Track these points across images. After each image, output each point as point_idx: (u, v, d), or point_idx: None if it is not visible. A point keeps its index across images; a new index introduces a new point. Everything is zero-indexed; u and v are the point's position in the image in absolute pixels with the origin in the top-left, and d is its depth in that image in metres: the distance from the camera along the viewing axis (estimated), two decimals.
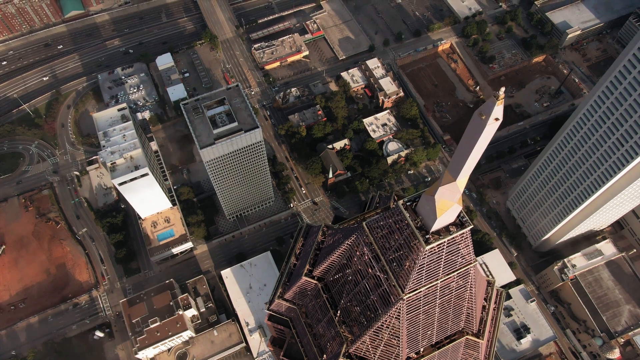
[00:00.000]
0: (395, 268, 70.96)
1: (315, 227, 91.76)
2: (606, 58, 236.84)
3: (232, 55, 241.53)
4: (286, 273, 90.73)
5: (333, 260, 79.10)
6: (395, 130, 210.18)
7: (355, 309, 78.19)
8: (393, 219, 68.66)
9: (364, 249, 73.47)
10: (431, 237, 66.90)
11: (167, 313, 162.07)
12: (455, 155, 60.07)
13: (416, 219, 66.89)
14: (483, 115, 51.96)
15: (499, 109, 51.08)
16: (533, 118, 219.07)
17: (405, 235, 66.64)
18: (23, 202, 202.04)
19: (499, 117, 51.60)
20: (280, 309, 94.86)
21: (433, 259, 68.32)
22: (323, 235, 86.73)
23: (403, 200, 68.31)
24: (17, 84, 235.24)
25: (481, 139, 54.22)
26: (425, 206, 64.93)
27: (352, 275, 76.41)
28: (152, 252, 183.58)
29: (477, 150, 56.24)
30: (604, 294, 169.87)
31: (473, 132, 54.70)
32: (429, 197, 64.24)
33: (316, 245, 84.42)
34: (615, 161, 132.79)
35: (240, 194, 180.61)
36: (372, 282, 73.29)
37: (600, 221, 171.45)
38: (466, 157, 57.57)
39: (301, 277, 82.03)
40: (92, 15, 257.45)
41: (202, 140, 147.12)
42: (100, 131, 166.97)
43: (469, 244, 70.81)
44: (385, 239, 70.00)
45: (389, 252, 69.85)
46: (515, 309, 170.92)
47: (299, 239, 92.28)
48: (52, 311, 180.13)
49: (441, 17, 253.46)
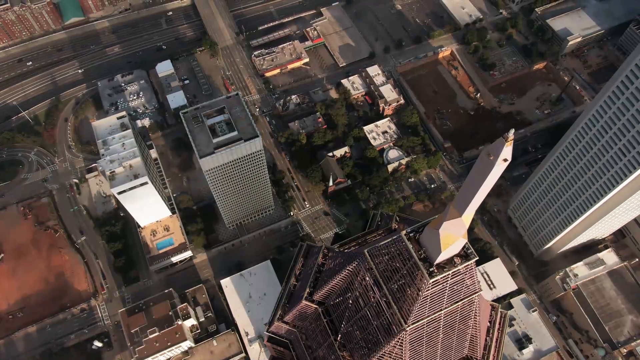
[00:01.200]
0: (398, 297, 69.82)
1: (315, 248, 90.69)
2: (607, 65, 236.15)
3: (232, 62, 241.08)
4: (286, 294, 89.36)
5: (334, 286, 78.06)
6: (396, 137, 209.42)
7: (357, 333, 77.04)
8: (395, 248, 67.71)
9: (366, 276, 72.55)
10: (435, 270, 65.77)
11: (166, 323, 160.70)
12: (462, 191, 58.98)
13: (420, 250, 65.93)
14: (491, 155, 50.93)
15: (508, 150, 50.05)
16: (534, 125, 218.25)
17: (408, 266, 65.69)
18: (22, 210, 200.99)
19: (507, 158, 50.59)
20: (280, 330, 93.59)
21: (437, 290, 67.27)
22: (324, 258, 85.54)
23: (406, 230, 67.29)
24: (16, 91, 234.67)
25: (489, 179, 53.20)
26: (429, 239, 64.00)
27: (353, 301, 75.43)
28: (151, 260, 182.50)
29: (484, 188, 55.30)
30: (606, 303, 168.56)
31: (480, 171, 53.67)
32: (433, 230, 63.03)
33: (317, 268, 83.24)
34: (617, 171, 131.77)
35: (240, 203, 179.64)
36: (374, 310, 72.27)
37: (602, 230, 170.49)
38: (473, 195, 56.57)
39: (301, 300, 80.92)
40: (92, 22, 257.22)
41: (201, 150, 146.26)
42: (99, 139, 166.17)
43: (473, 274, 69.60)
44: (388, 267, 69.02)
45: (392, 281, 68.91)
46: (517, 318, 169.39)
47: (299, 259, 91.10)
48: (51, 320, 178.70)
49: (441, 24, 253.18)
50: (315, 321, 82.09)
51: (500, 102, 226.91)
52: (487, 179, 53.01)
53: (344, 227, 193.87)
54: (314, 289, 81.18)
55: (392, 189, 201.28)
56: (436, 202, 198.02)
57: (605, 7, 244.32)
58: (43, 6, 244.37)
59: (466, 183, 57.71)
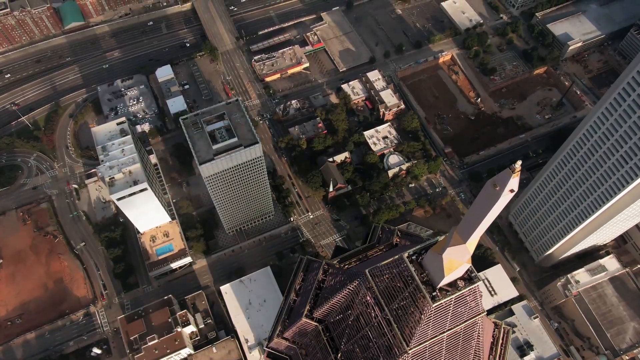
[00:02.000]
0: (400, 318, 68.81)
1: (315, 263, 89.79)
2: (608, 70, 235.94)
3: (232, 67, 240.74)
4: (285, 310, 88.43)
5: (334, 304, 77.20)
6: (396, 143, 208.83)
7: (357, 352, 76.16)
8: (397, 269, 66.96)
9: (367, 296, 71.74)
10: (438, 294, 64.96)
11: (165, 330, 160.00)
12: (466, 218, 58.33)
13: (422, 273, 65.22)
14: (497, 186, 50.37)
15: (515, 181, 49.53)
16: (535, 130, 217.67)
17: (410, 289, 64.95)
18: (21, 216, 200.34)
19: (514, 189, 50.05)
20: (280, 347, 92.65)
21: (440, 313, 66.38)
22: (324, 274, 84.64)
23: (408, 253, 66.57)
24: (16, 96, 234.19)
25: (494, 209, 52.68)
26: (432, 263, 63.32)
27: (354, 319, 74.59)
28: (150, 267, 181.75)
29: (489, 218, 54.76)
30: (608, 310, 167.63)
31: (486, 200, 53.13)
32: (437, 254, 62.29)
33: (317, 285, 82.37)
34: (619, 178, 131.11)
35: (240, 209, 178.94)
36: (376, 331, 71.41)
37: (604, 236, 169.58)
38: (478, 224, 55.99)
39: (301, 318, 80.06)
40: (92, 27, 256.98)
41: (201, 156, 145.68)
42: (98, 145, 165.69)
43: (477, 296, 68.85)
44: (389, 288, 68.26)
45: (393, 302, 68.12)
46: (518, 325, 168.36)
47: (298, 273, 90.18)
48: (49, 327, 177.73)
49: (442, 29, 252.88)
50: (316, 338, 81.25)
51: (501, 107, 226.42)
52: (492, 209, 52.38)
53: (345, 233, 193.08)
54: (314, 306, 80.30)
55: (392, 194, 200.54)
56: (437, 208, 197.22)
57: (605, 11, 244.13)
58: (43, 11, 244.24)
59: (471, 211, 57.07)
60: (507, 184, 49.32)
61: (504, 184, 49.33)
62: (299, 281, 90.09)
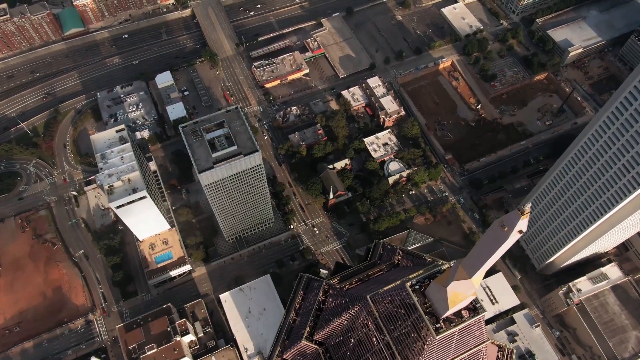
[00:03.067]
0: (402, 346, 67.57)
1: (315, 282, 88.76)
2: (608, 76, 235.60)
3: (232, 73, 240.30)
4: (285, 329, 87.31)
5: (335, 327, 76.15)
6: (397, 149, 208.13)
7: None
8: (399, 297, 66.01)
9: (368, 321, 70.72)
10: (442, 325, 63.76)
11: (164, 339, 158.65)
12: (472, 255, 57.51)
13: (425, 303, 64.25)
14: (505, 227, 49.48)
15: (524, 222, 48.70)
16: (535, 137, 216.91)
17: (413, 318, 63.98)
18: (20, 223, 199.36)
19: (523, 229, 49.17)
20: None
21: (444, 344, 65.32)
22: (324, 295, 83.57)
23: (410, 282, 65.61)
24: (15, 102, 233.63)
25: (501, 248, 51.82)
26: (435, 294, 62.47)
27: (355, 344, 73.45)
28: (149, 274, 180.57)
29: (495, 256, 53.95)
30: (610, 319, 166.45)
31: (493, 240, 52.40)
32: (441, 287, 61.32)
33: (317, 306, 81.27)
34: (621, 187, 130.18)
35: (239, 216, 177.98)
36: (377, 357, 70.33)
37: (606, 244, 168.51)
38: (484, 262, 55.18)
39: (301, 340, 79.03)
40: (92, 33, 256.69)
41: (200, 164, 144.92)
42: (98, 153, 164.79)
43: (482, 326, 67.66)
44: (391, 316, 67.27)
45: (395, 330, 67.07)
46: (519, 334, 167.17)
47: (298, 291, 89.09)
48: (48, 336, 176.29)
49: (442, 35, 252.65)
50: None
51: (502, 113, 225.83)
52: (499, 249, 51.53)
53: (345, 240, 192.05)
54: (314, 328, 79.19)
55: (392, 201, 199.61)
56: (437, 215, 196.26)
57: (606, 18, 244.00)
58: (43, 17, 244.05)
59: (477, 248, 56.28)
60: (515, 225, 48.44)
61: (513, 225, 48.55)
62: (299, 300, 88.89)
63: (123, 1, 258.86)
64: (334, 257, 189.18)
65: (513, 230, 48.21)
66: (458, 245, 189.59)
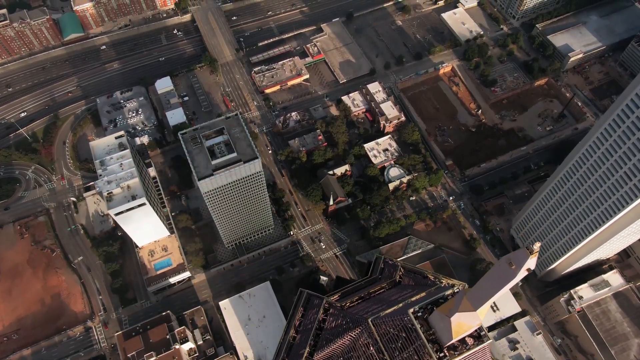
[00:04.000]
0: None
1: (316, 299, 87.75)
2: (609, 81, 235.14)
3: (232, 78, 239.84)
4: (285, 347, 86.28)
5: (335, 349, 75.23)
6: (397, 155, 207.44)
7: None
8: (401, 323, 65.08)
9: (369, 345, 69.80)
10: (446, 354, 62.75)
11: (163, 347, 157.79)
12: (478, 288, 56.76)
13: (429, 331, 63.39)
14: (513, 265, 48.86)
15: (533, 261, 48.04)
16: (536, 142, 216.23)
17: (415, 346, 63.15)
18: (18, 229, 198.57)
19: (531, 268, 48.61)
20: None
21: None
22: (324, 313, 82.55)
23: (413, 309, 64.75)
24: (14, 108, 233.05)
25: (508, 285, 51.27)
26: (439, 323, 61.64)
27: None
28: (149, 281, 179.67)
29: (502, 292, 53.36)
30: (612, 326, 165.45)
31: (500, 276, 51.85)
32: (445, 316, 60.44)
33: (317, 325, 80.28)
34: (623, 195, 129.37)
35: (239, 223, 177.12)
36: None
37: (607, 251, 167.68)
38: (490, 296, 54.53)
39: None
40: (92, 38, 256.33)
41: (200, 171, 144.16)
42: (97, 159, 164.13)
43: (487, 353, 66.70)
44: (393, 341, 66.34)
45: (396, 356, 66.12)
46: (520, 342, 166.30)
47: (298, 308, 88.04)
48: (46, 343, 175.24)
49: (442, 40, 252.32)
50: None
51: (502, 119, 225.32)
52: (506, 286, 50.86)
53: (345, 247, 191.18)
54: (314, 348, 78.27)
55: (393, 207, 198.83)
56: (438, 221, 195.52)
57: (606, 23, 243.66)
58: (42, 22, 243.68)
59: (483, 283, 55.58)
60: (523, 264, 47.88)
61: (521, 264, 48.03)
62: (299, 316, 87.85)
63: (123, 6, 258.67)
64: (333, 263, 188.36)
65: (521, 269, 47.46)
66: (459, 252, 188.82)
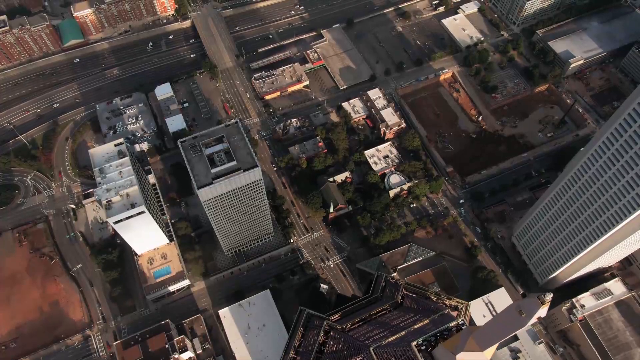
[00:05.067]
0: None
1: (316, 320, 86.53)
2: (609, 87, 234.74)
3: (232, 84, 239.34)
4: None
5: None
6: (397, 162, 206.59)
7: None
8: (404, 356, 63.94)
9: None
10: None
11: (162, 356, 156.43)
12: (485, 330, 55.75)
13: None
14: (523, 313, 48.09)
15: (544, 310, 47.23)
16: (537, 149, 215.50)
17: None
18: (17, 237, 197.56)
19: (542, 316, 47.84)
20: None
21: None
22: (325, 336, 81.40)
23: (417, 341, 63.71)
24: (14, 114, 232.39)
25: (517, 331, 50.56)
26: (444, 359, 60.54)
27: None
28: (148, 289, 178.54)
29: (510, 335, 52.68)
30: (614, 335, 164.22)
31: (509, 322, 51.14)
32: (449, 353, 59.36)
33: (317, 348, 79.13)
34: (625, 204, 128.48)
35: (239, 231, 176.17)
36: None
37: (609, 259, 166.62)
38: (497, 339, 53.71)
39: None
40: (91, 44, 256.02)
41: (199, 180, 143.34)
42: (96, 167, 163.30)
43: None
44: None
45: None
46: (522, 350, 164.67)
47: (298, 328, 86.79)
48: (44, 352, 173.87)
49: (442, 46, 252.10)
50: None
51: (503, 125, 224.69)
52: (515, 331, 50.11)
53: (345, 254, 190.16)
54: None
55: (393, 214, 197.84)
56: (439, 229, 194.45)
57: (607, 29, 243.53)
58: (42, 28, 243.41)
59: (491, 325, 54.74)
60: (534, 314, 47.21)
61: (531, 314, 47.35)
62: (299, 337, 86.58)
63: (123, 12, 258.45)
64: (334, 271, 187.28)
65: (531, 318, 46.75)
66: (460, 260, 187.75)
